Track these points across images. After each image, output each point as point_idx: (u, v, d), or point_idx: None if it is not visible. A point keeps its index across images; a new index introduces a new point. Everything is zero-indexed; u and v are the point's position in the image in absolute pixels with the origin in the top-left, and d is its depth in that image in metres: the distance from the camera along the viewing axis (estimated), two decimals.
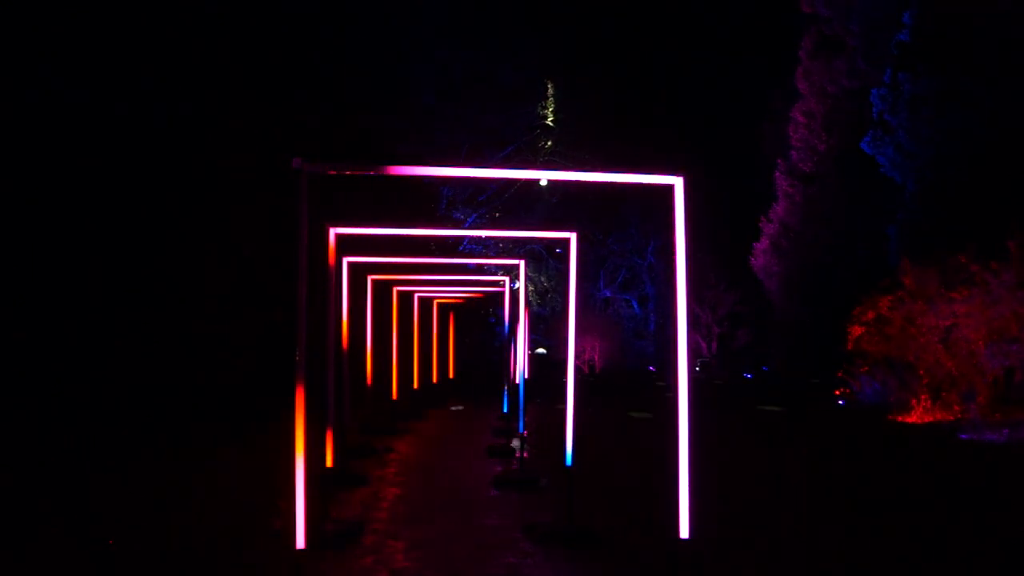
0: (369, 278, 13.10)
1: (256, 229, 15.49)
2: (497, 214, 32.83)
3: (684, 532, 5.28)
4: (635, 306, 40.93)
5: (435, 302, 18.36)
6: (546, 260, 36.97)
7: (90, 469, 9.63)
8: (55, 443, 10.83)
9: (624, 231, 40.17)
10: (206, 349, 14.72)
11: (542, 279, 37.30)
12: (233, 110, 15.56)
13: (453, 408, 18.60)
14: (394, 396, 15.30)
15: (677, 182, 5.52)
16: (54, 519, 7.31)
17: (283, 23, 18.07)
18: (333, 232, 8.02)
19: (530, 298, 35.30)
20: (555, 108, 34.85)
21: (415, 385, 17.58)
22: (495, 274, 21.28)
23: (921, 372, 16.85)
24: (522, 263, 11.10)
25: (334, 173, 5.67)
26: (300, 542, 5.23)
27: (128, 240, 13.55)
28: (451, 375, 22.10)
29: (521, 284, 10.77)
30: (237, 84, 15.92)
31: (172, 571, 6.09)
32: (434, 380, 20.29)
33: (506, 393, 14.20)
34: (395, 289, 15.09)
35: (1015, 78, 18.64)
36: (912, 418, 16.51)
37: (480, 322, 31.69)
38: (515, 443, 11.15)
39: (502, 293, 14.88)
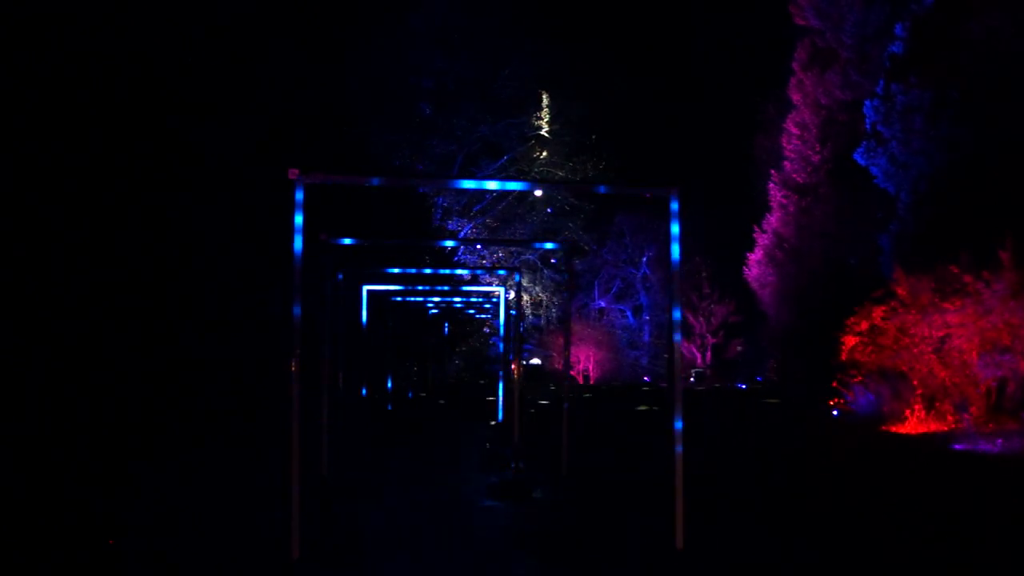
0: (364, 288, 13.09)
1: (251, 238, 15.46)
2: (489, 221, 32.90)
3: (679, 542, 5.29)
4: (629, 316, 40.95)
5: (430, 313, 18.36)
6: (540, 270, 36.99)
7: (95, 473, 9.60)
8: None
9: (618, 241, 40.24)
10: (206, 360, 14.66)
11: (536, 289, 37.29)
12: (231, 121, 15.55)
13: (448, 416, 18.55)
14: (390, 405, 15.27)
15: (672, 194, 5.56)
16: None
17: (279, 36, 18.08)
18: (329, 243, 8.03)
19: (524, 308, 35.27)
20: (550, 119, 34.94)
21: (411, 394, 17.57)
22: (490, 284, 21.29)
23: (915, 382, 16.88)
24: (515, 292, 11.11)
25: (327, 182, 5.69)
26: (294, 551, 5.22)
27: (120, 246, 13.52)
28: (447, 384, 22.07)
29: (515, 294, 10.77)
30: (234, 96, 15.92)
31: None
32: (430, 389, 20.28)
33: (501, 402, 14.20)
34: (391, 300, 15.07)
35: (1006, 89, 18.75)
36: (906, 428, 16.53)
37: (475, 332, 31.68)
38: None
39: (496, 303, 14.89)
